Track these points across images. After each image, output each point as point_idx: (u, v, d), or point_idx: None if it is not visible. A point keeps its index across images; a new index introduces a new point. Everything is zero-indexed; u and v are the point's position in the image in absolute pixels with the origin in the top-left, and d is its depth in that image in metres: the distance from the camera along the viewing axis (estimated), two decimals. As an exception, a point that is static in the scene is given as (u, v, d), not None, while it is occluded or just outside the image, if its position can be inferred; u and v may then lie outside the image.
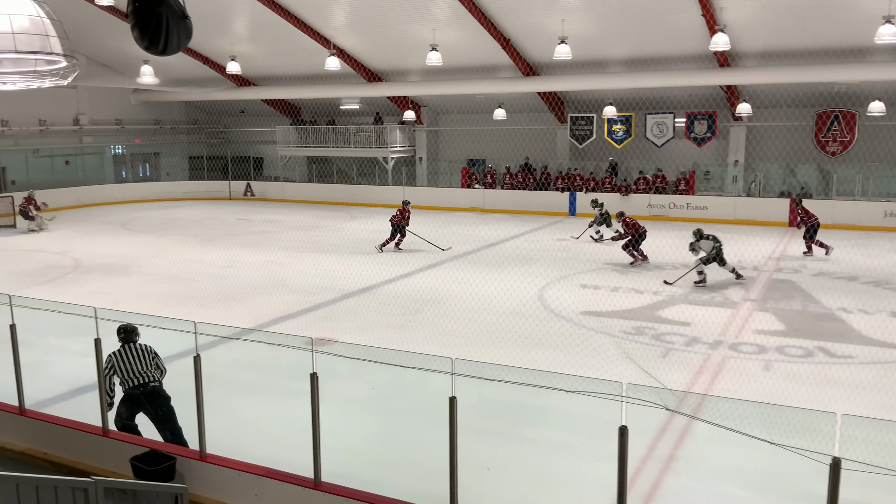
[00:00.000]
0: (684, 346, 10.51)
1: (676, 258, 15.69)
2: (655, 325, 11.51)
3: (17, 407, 7.17)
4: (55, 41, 3.37)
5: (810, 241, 17.04)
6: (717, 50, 18.66)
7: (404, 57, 24.28)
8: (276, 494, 5.66)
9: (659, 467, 6.86)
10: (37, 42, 3.33)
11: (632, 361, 9.77)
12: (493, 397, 7.84)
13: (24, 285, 14.04)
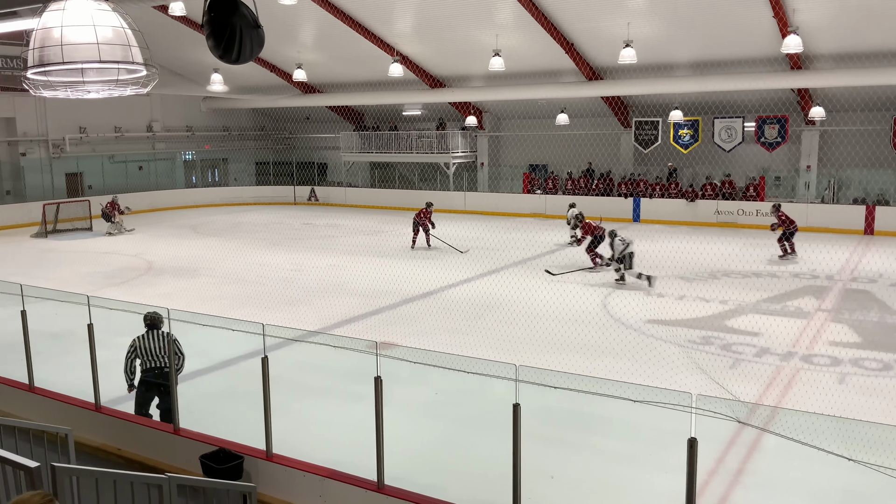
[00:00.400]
0: (754, 357, 10.20)
1: (745, 266, 15.26)
2: (723, 335, 11.20)
3: (93, 404, 7.45)
4: (136, 51, 3.49)
5: (786, 242, 17.34)
6: (790, 52, 18.07)
7: (467, 63, 24.35)
8: (339, 496, 5.72)
9: (727, 481, 6.66)
10: (119, 52, 3.45)
11: (700, 372, 9.53)
12: (555, 405, 7.75)
13: (99, 286, 14.61)
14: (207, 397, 8.68)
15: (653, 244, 18.56)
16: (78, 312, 8.20)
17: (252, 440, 6.60)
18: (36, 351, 8.28)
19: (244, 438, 6.63)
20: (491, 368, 5.35)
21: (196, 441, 6.54)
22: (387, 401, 5.69)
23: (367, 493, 5.54)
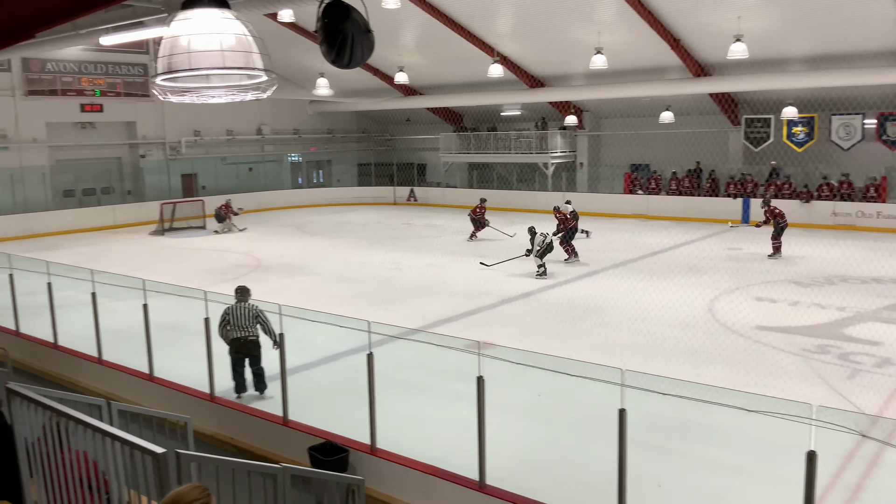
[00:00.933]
0: (874, 368, 9.57)
1: (864, 271, 14.37)
2: (841, 344, 10.58)
3: (208, 394, 7.84)
4: (257, 57, 3.63)
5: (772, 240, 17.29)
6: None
7: (567, 61, 24.07)
8: (441, 493, 5.77)
9: (845, 497, 6.29)
10: (241, 59, 3.60)
11: (814, 382, 9.03)
12: (659, 411, 7.55)
13: (212, 282, 15.33)
14: (313, 391, 8.94)
15: (764, 247, 17.76)
16: (192, 306, 8.67)
17: (355, 434, 6.77)
18: (154, 342, 8.78)
19: (347, 432, 6.81)
20: (596, 372, 5.27)
21: (304, 433, 6.76)
22: (489, 402, 5.70)
23: (469, 491, 5.57)
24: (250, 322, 8.45)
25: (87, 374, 9.27)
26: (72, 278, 9.64)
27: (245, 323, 8.44)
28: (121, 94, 26.75)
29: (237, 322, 8.47)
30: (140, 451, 3.41)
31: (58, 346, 9.85)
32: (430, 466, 6.00)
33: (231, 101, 3.83)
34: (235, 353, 8.49)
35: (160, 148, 28.43)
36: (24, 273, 10.72)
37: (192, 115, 28.36)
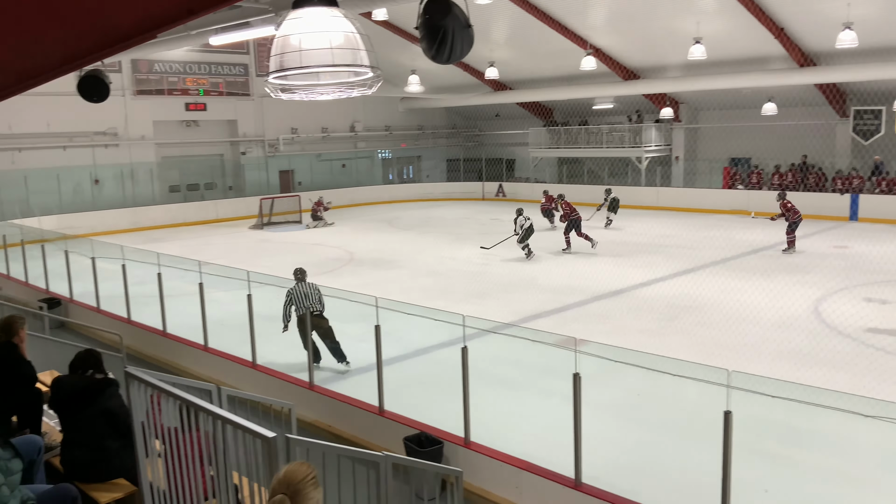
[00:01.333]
0: None
1: None
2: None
3: (307, 382, 8.08)
4: (364, 54, 3.70)
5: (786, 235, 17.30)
6: None
7: (664, 52, 23.43)
8: (535, 489, 5.75)
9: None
10: (349, 56, 3.67)
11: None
12: (761, 414, 7.27)
13: (309, 274, 15.77)
14: (406, 382, 9.08)
15: (873, 246, 16.77)
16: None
17: (447, 426, 6.82)
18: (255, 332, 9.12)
19: (440, 424, 6.88)
20: (696, 372, 5.12)
21: (399, 423, 6.87)
22: (590, 401, 5.63)
23: (564, 489, 5.53)
24: (314, 298, 9.32)
25: (194, 360, 9.74)
26: (180, 269, 10.14)
27: (312, 300, 9.31)
28: (223, 93, 27.89)
29: (304, 300, 9.28)
30: (252, 434, 3.55)
31: (166, 333, 10.38)
32: (524, 461, 5.98)
33: (338, 97, 3.92)
34: (304, 327, 9.00)
35: (259, 145, 29.47)
36: (134, 263, 11.34)
37: (289, 113, 29.26)
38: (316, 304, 9.30)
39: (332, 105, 29.20)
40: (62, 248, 12.96)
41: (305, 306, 9.19)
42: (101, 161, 25.18)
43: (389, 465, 4.02)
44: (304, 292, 9.38)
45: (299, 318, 9.03)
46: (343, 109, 31.08)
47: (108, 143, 25.34)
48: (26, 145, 23.29)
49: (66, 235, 14.13)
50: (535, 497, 5.80)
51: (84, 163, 24.70)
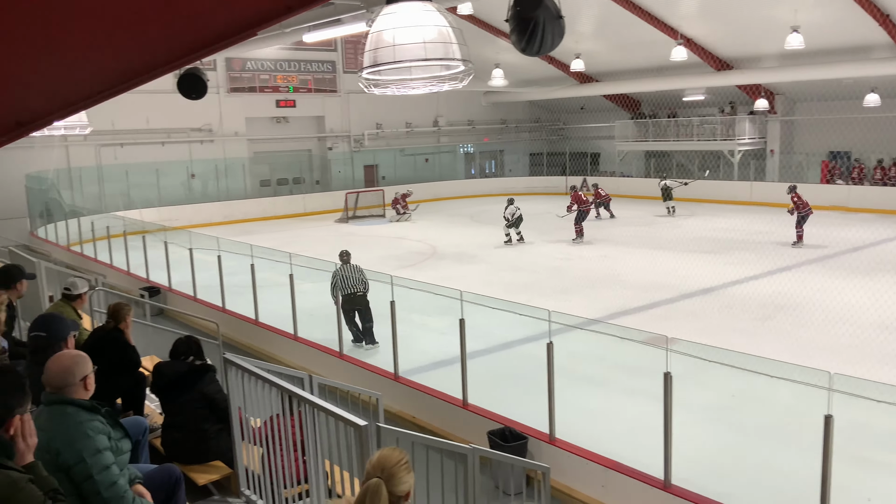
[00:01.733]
0: None
1: None
2: None
3: (392, 373, 8.20)
4: (456, 48, 3.70)
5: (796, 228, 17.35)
6: None
7: (759, 41, 22.50)
8: (622, 488, 5.65)
9: None
10: (441, 49, 3.68)
11: None
12: (864, 421, 6.91)
13: (391, 268, 15.98)
14: (489, 377, 9.09)
15: None
16: (375, 290, 9.07)
17: (531, 422, 6.78)
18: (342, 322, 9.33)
19: (523, 419, 6.84)
20: (792, 373, 4.91)
21: (482, 417, 6.88)
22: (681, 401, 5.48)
23: (653, 489, 5.41)
24: (358, 280, 9.99)
25: (284, 349, 10.04)
26: (272, 260, 10.46)
27: (353, 281, 9.97)
28: (311, 90, 28.58)
29: (346, 281, 9.95)
30: (344, 422, 3.63)
31: (258, 322, 10.74)
32: (611, 460, 5.88)
33: (429, 91, 3.94)
34: (348, 307, 9.90)
35: (345, 140, 30.07)
36: (228, 254, 11.78)
37: (374, 108, 29.71)
38: (358, 286, 9.95)
39: (415, 100, 29.43)
40: (161, 239, 13.59)
41: (349, 285, 9.89)
42: (196, 156, 26.26)
43: (477, 458, 4.03)
44: (346, 274, 10.02)
45: (343, 298, 9.75)
46: (426, 104, 31.30)
47: (203, 139, 26.41)
48: (128, 141, 24.53)
49: (166, 227, 14.81)
50: (622, 497, 5.70)
51: (181, 158, 25.81)
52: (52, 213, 20.56)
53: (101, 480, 2.90)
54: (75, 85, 3.56)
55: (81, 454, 2.90)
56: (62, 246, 18.50)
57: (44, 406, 3.04)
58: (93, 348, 5.43)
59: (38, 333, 3.77)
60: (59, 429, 2.93)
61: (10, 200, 21.95)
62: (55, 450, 2.89)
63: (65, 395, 3.03)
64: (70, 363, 3.10)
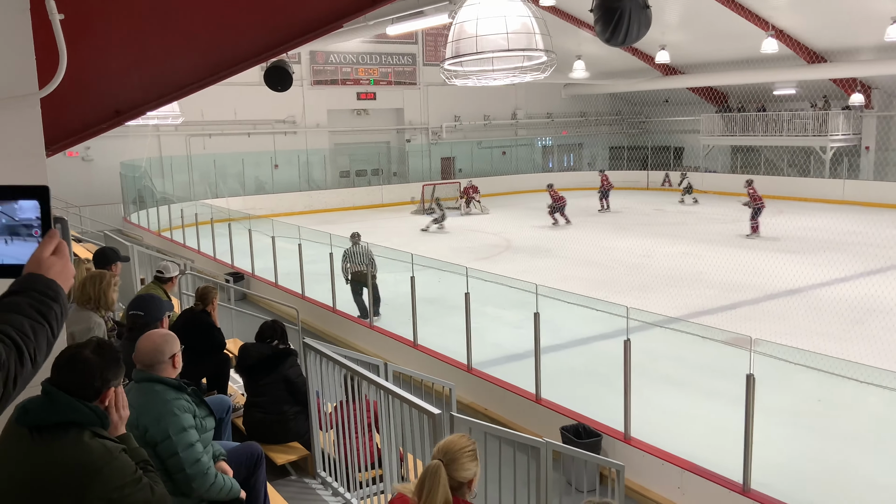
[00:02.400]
0: None
1: None
2: None
3: (465, 364, 8.24)
4: (539, 38, 3.67)
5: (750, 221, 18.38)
6: None
7: (854, 33, 21.41)
8: (699, 491, 5.52)
9: None
10: (524, 40, 3.67)
11: None
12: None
13: (466, 260, 15.98)
14: (562, 372, 9.01)
15: None
16: (450, 282, 9.11)
17: (605, 419, 6.69)
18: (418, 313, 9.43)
19: (597, 416, 6.76)
20: (880, 378, 4.68)
21: (555, 412, 6.84)
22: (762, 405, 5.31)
23: (731, 493, 5.26)
24: (365, 259, 10.92)
25: (359, 336, 10.23)
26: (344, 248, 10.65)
27: (361, 260, 10.95)
28: (391, 82, 28.90)
29: (355, 259, 11.02)
30: (418, 409, 3.68)
31: (335, 309, 10.97)
32: (687, 462, 5.75)
33: (510, 82, 3.93)
34: (355, 283, 11.05)
35: (423, 133, 30.28)
36: (308, 243, 12.07)
37: (452, 101, 29.80)
38: (363, 265, 10.95)
39: (494, 92, 29.36)
40: (246, 227, 14.04)
41: (356, 263, 11.01)
42: (280, 147, 26.99)
43: (550, 452, 4.01)
44: (353, 252, 11.12)
45: (352, 275, 11.04)
46: (505, 97, 31.18)
47: (286, 131, 27.10)
48: (216, 132, 25.42)
49: (250, 216, 15.29)
50: (699, 499, 5.57)
51: (265, 148, 26.57)
52: (144, 200, 21.52)
53: (185, 457, 3.04)
54: (169, 78, 3.72)
55: (167, 431, 3.04)
56: (153, 231, 19.36)
57: (134, 383, 3.19)
58: (181, 329, 5.68)
59: (136, 312, 3.98)
60: (147, 406, 3.08)
61: (106, 187, 23.12)
62: (143, 426, 3.04)
63: (154, 374, 3.18)
64: (160, 341, 3.25)
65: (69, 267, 1.57)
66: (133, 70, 3.34)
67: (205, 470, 3.08)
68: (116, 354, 2.18)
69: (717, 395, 7.92)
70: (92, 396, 2.10)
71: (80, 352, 2.10)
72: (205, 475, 3.07)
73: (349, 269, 11.16)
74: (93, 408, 2.09)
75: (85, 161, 23.45)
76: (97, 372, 2.09)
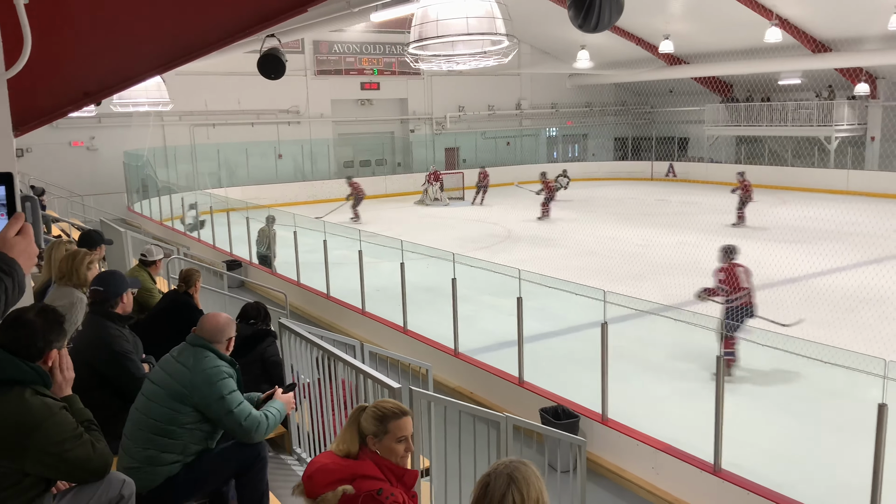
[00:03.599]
0: None
1: None
2: None
3: (452, 349, 8.34)
4: (500, 23, 3.74)
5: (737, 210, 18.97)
6: None
7: (860, 22, 21.26)
8: (672, 470, 5.61)
9: None
10: (485, 24, 3.74)
11: None
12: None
13: (466, 249, 16.08)
14: (550, 357, 9.11)
15: None
16: (446, 270, 9.20)
17: (587, 402, 6.78)
18: (410, 300, 9.54)
19: (579, 399, 6.86)
20: (854, 361, 4.75)
21: (537, 395, 6.94)
22: (735, 387, 5.39)
23: (702, 473, 5.35)
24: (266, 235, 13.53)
25: (351, 321, 10.36)
26: (342, 237, 10.78)
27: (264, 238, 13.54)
28: (395, 72, 28.92)
29: (262, 239, 13.55)
30: (381, 384, 3.78)
31: (329, 296, 11.10)
32: (661, 443, 5.84)
33: (475, 66, 4.01)
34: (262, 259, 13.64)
35: (427, 123, 30.32)
36: (307, 232, 12.19)
37: (456, 91, 29.81)
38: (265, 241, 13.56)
39: (498, 82, 29.38)
40: (245, 216, 14.19)
41: (263, 245, 13.52)
42: (283, 137, 27.10)
43: (510, 426, 4.11)
44: (266, 232, 13.52)
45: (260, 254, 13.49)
46: (509, 87, 31.16)
47: (290, 121, 27.21)
48: (219, 121, 25.56)
49: (249, 205, 15.43)
50: (673, 479, 5.66)
51: (269, 138, 26.70)
52: (147, 189, 21.71)
53: (238, 413, 3.42)
54: (137, 60, 3.81)
55: (221, 393, 3.41)
56: (155, 220, 19.55)
57: (189, 345, 3.55)
58: (164, 310, 5.81)
59: (96, 288, 4.11)
60: (199, 369, 3.45)
61: (110, 176, 23.32)
62: (194, 386, 3.41)
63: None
64: (224, 323, 3.62)
65: (32, 247, 1.70)
66: (101, 52, 3.43)
67: (259, 420, 3.48)
68: (60, 318, 2.29)
69: (699, 379, 8.01)
70: (35, 356, 2.22)
71: (23, 314, 2.22)
72: (259, 424, 3.47)
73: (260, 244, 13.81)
74: (35, 367, 2.21)
75: (90, 150, 23.65)
76: (39, 333, 2.21)
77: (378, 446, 2.64)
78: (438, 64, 4.13)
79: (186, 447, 3.43)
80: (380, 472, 2.59)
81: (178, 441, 3.40)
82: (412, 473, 2.69)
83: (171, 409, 3.41)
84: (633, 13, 23.99)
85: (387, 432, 2.63)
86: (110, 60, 3.46)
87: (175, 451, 3.40)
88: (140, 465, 3.37)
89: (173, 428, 3.40)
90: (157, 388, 3.48)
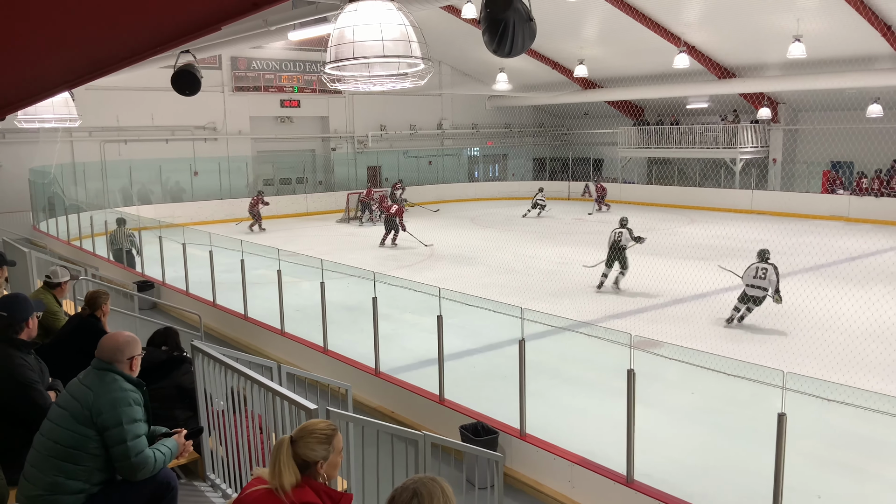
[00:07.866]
0: None
1: None
2: None
3: (374, 369, 8.30)
4: (416, 46, 3.80)
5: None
6: None
7: (762, 50, 22.55)
8: (587, 483, 5.73)
9: None
10: (401, 47, 3.79)
11: None
12: (841, 426, 6.98)
13: (389, 268, 16.11)
14: (471, 375, 9.18)
15: None
16: (368, 289, 9.17)
17: (507, 418, 6.87)
18: (332, 319, 9.44)
19: (500, 416, 6.93)
20: (755, 373, 5.00)
21: (457, 412, 6.97)
22: (647, 401, 5.57)
23: (616, 485, 5.49)
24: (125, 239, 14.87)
25: (270, 343, 10.16)
26: (261, 256, 10.58)
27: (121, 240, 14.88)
28: (316, 90, 28.73)
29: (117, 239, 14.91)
30: (297, 406, 3.74)
31: (247, 317, 10.86)
32: (577, 456, 5.97)
33: (392, 88, 4.05)
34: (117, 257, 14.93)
35: (349, 141, 30.22)
36: (224, 251, 11.91)
37: (378, 110, 29.86)
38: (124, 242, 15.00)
39: (420, 103, 29.61)
40: (157, 235, 13.75)
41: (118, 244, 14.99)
42: (200, 154, 26.45)
43: (428, 443, 4.13)
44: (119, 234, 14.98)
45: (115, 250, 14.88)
46: (431, 107, 31.45)
47: (207, 137, 26.60)
48: (132, 138, 24.75)
49: (161, 224, 14.98)
50: (588, 492, 5.78)
51: (185, 155, 26.00)
52: (54, 208, 20.76)
53: (132, 447, 3.30)
54: (45, 74, 3.67)
55: (120, 419, 3.29)
56: (62, 240, 18.70)
57: (93, 369, 3.45)
58: (69, 334, 5.56)
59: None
60: (102, 391, 3.33)
61: (14, 194, 22.18)
62: (97, 409, 3.28)
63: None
64: (122, 342, 3.54)
65: None
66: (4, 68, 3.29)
67: (148, 461, 3.36)
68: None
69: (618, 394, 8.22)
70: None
71: None
72: (145, 465, 3.35)
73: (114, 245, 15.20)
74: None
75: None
76: None
77: (325, 467, 2.65)
78: (356, 84, 4.15)
79: (92, 474, 3.33)
80: (318, 499, 2.58)
81: (83, 467, 3.31)
82: (347, 497, 2.69)
83: (76, 433, 3.32)
84: (549, 38, 24.70)
85: (332, 451, 2.65)
86: (12, 76, 3.33)
87: (80, 478, 3.30)
88: (42, 493, 3.23)
89: (79, 453, 3.31)
90: (63, 411, 3.37)
